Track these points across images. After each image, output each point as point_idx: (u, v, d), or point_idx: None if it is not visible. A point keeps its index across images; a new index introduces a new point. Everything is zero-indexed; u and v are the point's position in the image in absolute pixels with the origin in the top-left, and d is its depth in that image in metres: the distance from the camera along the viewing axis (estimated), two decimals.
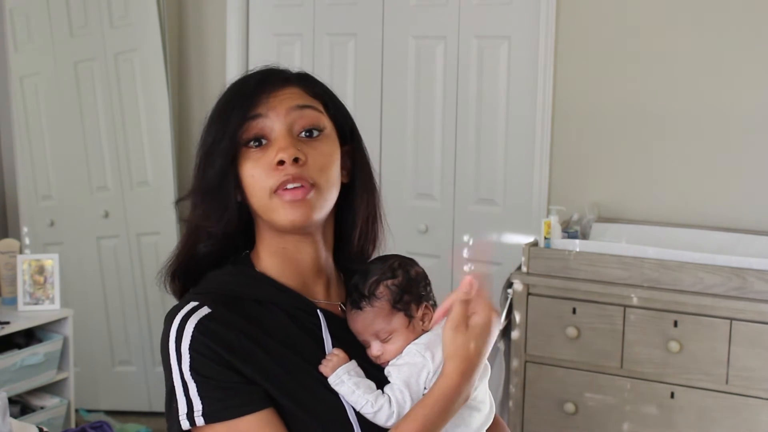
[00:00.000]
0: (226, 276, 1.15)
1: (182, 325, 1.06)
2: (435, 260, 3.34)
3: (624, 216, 2.96)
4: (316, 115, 1.14)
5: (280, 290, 1.15)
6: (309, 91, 1.16)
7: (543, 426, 2.64)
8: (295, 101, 1.13)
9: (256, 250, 1.18)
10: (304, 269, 1.17)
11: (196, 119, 3.75)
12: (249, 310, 1.11)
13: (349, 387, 1.08)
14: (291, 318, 1.13)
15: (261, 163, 1.10)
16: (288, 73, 1.18)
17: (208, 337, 1.05)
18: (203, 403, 1.04)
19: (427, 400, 1.07)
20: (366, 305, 1.14)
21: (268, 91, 1.13)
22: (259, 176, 1.10)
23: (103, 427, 2.52)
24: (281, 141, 1.10)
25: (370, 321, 1.14)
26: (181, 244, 1.17)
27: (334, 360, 1.10)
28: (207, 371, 1.04)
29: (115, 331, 3.65)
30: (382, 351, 1.14)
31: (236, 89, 1.15)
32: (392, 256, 1.20)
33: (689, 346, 2.42)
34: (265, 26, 3.62)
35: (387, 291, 1.15)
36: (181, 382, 1.05)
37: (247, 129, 1.11)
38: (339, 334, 1.15)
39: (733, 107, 2.78)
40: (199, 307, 1.08)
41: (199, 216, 1.14)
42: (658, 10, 2.86)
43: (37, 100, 3.45)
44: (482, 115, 3.20)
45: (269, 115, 1.11)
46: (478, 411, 1.14)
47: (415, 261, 1.21)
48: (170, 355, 1.06)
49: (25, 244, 3.37)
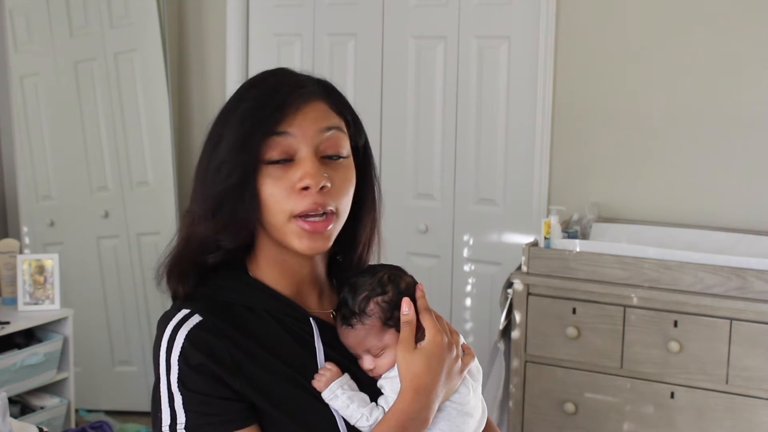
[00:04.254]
0: (220, 281, 1.13)
1: (173, 334, 1.06)
2: (435, 260, 3.35)
3: (624, 216, 2.96)
4: (340, 138, 1.11)
5: (273, 297, 1.13)
6: (334, 107, 1.13)
7: (543, 426, 2.64)
8: (323, 122, 1.09)
9: (254, 256, 1.15)
10: (301, 280, 1.16)
11: (196, 119, 3.75)
12: (241, 318, 1.10)
13: (344, 401, 1.07)
14: (283, 326, 1.11)
15: (282, 182, 1.06)
16: (311, 82, 1.13)
17: (199, 349, 1.04)
18: (187, 416, 1.03)
19: (383, 420, 1.07)
20: (357, 323, 1.12)
21: (296, 105, 1.08)
22: (279, 196, 1.06)
23: (103, 427, 2.52)
24: (308, 165, 1.06)
25: (362, 338, 1.12)
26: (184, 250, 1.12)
27: (327, 375, 1.09)
28: (194, 385, 1.03)
29: (115, 331, 3.65)
30: (374, 365, 1.12)
31: (262, 96, 1.09)
32: (381, 268, 1.17)
33: (689, 346, 2.42)
34: (265, 26, 3.62)
35: (377, 308, 1.12)
36: (167, 393, 1.05)
37: (271, 145, 1.06)
38: (331, 342, 1.14)
39: (733, 107, 2.78)
40: (190, 316, 1.07)
41: (211, 228, 1.09)
42: (659, 11, 2.86)
43: (37, 100, 3.45)
44: (482, 115, 3.20)
45: (297, 134, 1.07)
46: (470, 417, 1.14)
47: (403, 271, 1.19)
48: (160, 364, 1.06)
49: (25, 244, 3.37)
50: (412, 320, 1.11)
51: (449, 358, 1.11)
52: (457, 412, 1.11)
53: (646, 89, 2.90)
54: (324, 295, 1.20)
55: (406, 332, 1.10)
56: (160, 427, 1.05)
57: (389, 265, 1.20)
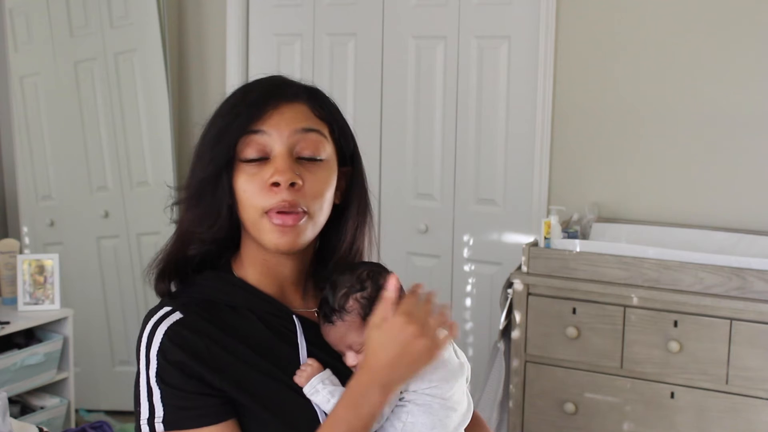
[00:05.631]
0: (204, 280, 1.15)
1: (153, 330, 1.08)
2: (435, 260, 3.35)
3: (624, 216, 2.96)
4: (319, 141, 1.12)
5: (256, 296, 1.15)
6: (316, 111, 1.14)
7: (543, 426, 2.64)
8: (300, 123, 1.11)
9: (239, 255, 1.18)
10: (284, 280, 1.18)
11: (196, 119, 3.75)
12: (223, 317, 1.11)
13: (324, 396, 1.08)
14: (266, 324, 1.13)
15: (255, 179, 1.09)
16: (298, 87, 1.15)
17: (177, 345, 1.06)
18: (165, 410, 1.05)
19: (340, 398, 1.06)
20: (337, 319, 1.13)
21: (273, 105, 1.10)
22: (252, 193, 1.09)
23: (103, 427, 2.52)
24: (280, 162, 1.08)
25: (342, 334, 1.13)
26: (170, 246, 1.17)
27: (308, 370, 1.10)
28: (171, 379, 1.05)
29: (115, 331, 3.65)
30: (357, 361, 1.12)
31: (242, 96, 1.13)
32: (360, 265, 1.18)
33: (689, 346, 2.42)
34: (265, 26, 3.62)
35: (357, 304, 1.13)
36: (146, 387, 1.07)
37: (247, 142, 1.09)
38: (315, 340, 1.14)
39: (733, 107, 2.78)
40: (171, 313, 1.09)
41: (189, 221, 1.13)
42: (659, 11, 2.86)
43: (37, 100, 3.45)
44: (482, 115, 3.20)
45: (272, 133, 1.09)
46: (454, 411, 1.13)
47: (384, 267, 1.18)
48: (140, 358, 1.08)
49: (25, 244, 3.37)
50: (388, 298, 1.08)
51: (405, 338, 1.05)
52: (440, 405, 1.11)
53: (646, 89, 2.89)
54: (308, 295, 1.21)
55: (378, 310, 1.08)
56: (139, 420, 1.07)
57: (369, 263, 1.21)
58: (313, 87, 1.17)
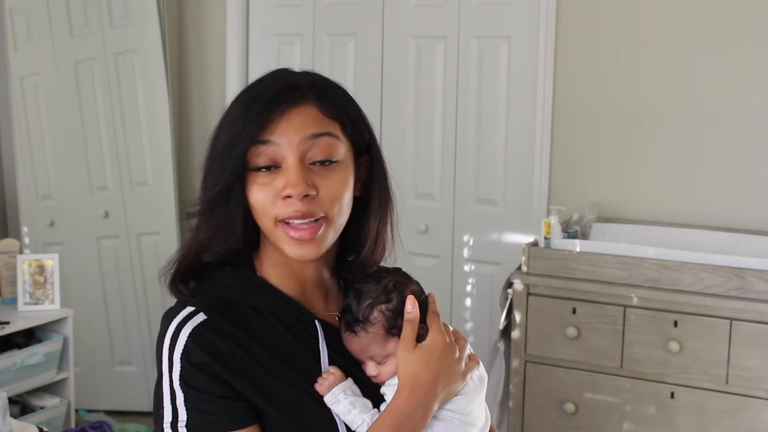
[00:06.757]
0: (226, 279, 1.13)
1: (177, 332, 1.06)
2: (435, 260, 3.35)
3: (624, 216, 2.96)
4: (331, 143, 1.08)
5: (278, 298, 1.13)
6: (326, 111, 1.09)
7: (543, 426, 2.64)
8: (310, 128, 1.07)
9: (260, 254, 1.15)
10: (305, 281, 1.15)
11: (196, 119, 3.75)
12: (245, 318, 1.09)
13: (345, 407, 1.07)
14: (287, 327, 1.11)
15: (268, 189, 1.06)
16: (303, 85, 1.10)
17: (201, 348, 1.04)
18: (188, 414, 1.03)
19: (379, 418, 1.06)
20: (360, 330, 1.11)
21: (281, 110, 1.06)
22: (264, 202, 1.07)
23: (103, 427, 2.52)
24: (292, 174, 1.05)
25: (365, 345, 1.11)
26: (184, 253, 1.14)
27: (330, 379, 1.08)
28: (196, 383, 1.03)
29: (115, 331, 3.65)
30: (377, 372, 1.12)
31: (247, 104, 1.08)
32: (387, 275, 1.16)
33: (689, 346, 2.42)
34: (265, 26, 3.62)
35: (381, 316, 1.11)
36: (169, 390, 1.05)
37: (256, 154, 1.06)
38: (336, 345, 1.13)
39: (733, 107, 2.78)
40: (195, 314, 1.07)
41: (205, 232, 1.11)
42: (659, 11, 2.86)
43: (37, 100, 3.45)
44: (482, 115, 3.20)
45: (281, 143, 1.05)
46: (473, 426, 1.13)
47: (410, 278, 1.17)
48: (162, 361, 1.06)
49: (25, 244, 3.37)
50: (414, 319, 1.10)
51: (449, 359, 1.10)
52: (460, 421, 1.10)
53: (646, 89, 2.89)
54: (330, 297, 1.19)
55: (407, 331, 1.10)
56: (162, 424, 1.05)
57: (395, 271, 1.18)
58: (319, 81, 1.12)
